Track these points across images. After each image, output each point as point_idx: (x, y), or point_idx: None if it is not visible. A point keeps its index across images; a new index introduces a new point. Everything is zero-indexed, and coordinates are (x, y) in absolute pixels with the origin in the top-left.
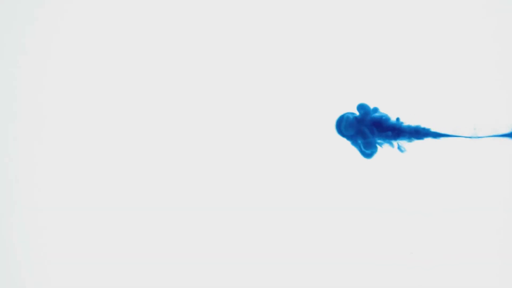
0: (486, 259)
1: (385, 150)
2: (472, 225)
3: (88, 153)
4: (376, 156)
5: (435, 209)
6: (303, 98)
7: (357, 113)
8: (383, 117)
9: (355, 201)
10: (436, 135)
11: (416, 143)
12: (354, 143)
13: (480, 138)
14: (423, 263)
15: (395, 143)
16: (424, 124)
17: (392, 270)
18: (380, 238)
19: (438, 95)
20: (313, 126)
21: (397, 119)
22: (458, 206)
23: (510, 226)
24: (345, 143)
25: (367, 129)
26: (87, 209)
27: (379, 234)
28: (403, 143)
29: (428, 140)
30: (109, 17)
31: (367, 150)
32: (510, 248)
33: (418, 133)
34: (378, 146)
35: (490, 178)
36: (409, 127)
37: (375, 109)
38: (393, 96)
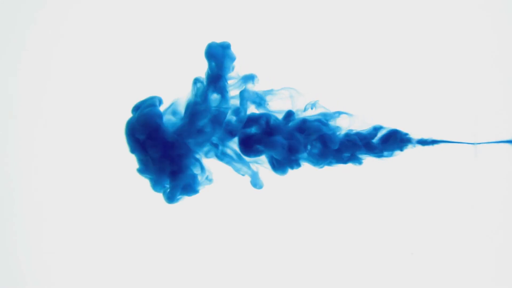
0: (486, 259)
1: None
2: (472, 225)
3: (88, 153)
4: (374, 157)
5: (435, 210)
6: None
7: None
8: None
9: (356, 202)
10: (436, 142)
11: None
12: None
13: (479, 144)
14: (423, 263)
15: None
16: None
17: (392, 270)
18: (380, 238)
19: (436, 100)
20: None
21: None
22: (458, 207)
23: (510, 226)
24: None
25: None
26: (87, 209)
27: (379, 234)
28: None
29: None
30: (109, 18)
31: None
32: (510, 248)
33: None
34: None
35: (490, 179)
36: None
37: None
38: (390, 102)
